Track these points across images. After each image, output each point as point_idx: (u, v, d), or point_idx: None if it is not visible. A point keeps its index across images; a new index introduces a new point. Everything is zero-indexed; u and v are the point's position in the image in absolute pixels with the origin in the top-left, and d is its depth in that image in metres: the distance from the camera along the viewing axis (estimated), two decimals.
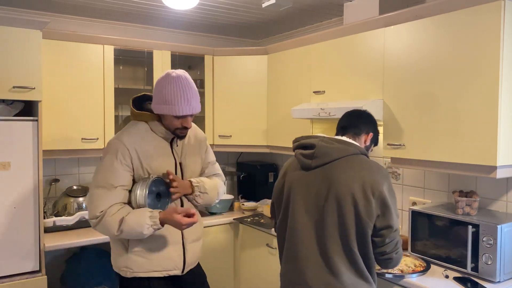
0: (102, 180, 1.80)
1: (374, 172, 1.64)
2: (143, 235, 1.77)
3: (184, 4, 2.57)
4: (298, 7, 2.93)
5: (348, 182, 1.62)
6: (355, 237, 1.61)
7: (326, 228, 1.64)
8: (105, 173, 1.80)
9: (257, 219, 3.24)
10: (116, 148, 1.82)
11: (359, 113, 1.89)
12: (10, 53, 2.35)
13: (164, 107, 1.81)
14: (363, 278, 1.64)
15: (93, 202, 1.79)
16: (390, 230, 1.61)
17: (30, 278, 2.42)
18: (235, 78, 3.42)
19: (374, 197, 1.59)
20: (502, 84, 1.85)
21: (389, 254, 1.64)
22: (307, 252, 1.68)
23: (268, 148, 3.41)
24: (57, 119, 2.80)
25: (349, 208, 1.60)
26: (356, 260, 1.63)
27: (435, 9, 2.09)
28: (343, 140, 1.74)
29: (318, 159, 1.70)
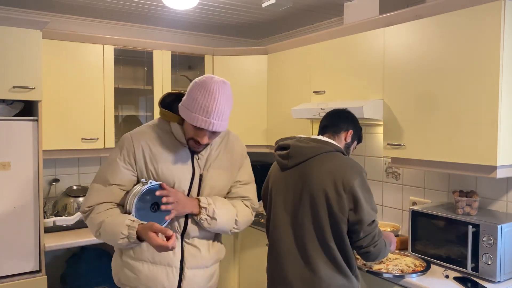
0: (101, 175, 1.64)
1: (346, 168, 1.69)
2: (118, 244, 1.56)
3: (184, 4, 2.56)
4: (298, 7, 2.93)
5: (321, 179, 1.68)
6: (330, 232, 1.66)
7: (302, 224, 1.71)
8: (106, 167, 1.64)
9: (257, 219, 3.24)
10: (123, 143, 1.65)
11: (339, 112, 1.96)
12: (10, 53, 2.35)
13: (184, 111, 1.58)
14: (341, 273, 1.69)
15: (87, 195, 1.66)
16: (362, 224, 1.64)
17: (30, 278, 2.42)
18: (235, 78, 3.42)
19: (346, 192, 1.64)
20: (502, 84, 1.85)
21: (367, 247, 1.68)
22: (286, 249, 1.74)
23: (268, 148, 3.41)
24: (57, 119, 2.80)
25: (322, 204, 1.66)
26: (334, 255, 1.67)
27: (435, 9, 2.09)
28: (318, 139, 1.80)
29: (293, 159, 1.77)
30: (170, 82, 3.25)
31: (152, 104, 3.22)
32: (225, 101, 1.57)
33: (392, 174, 2.78)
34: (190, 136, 1.62)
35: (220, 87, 1.57)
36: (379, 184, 2.87)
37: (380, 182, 2.86)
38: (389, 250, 1.84)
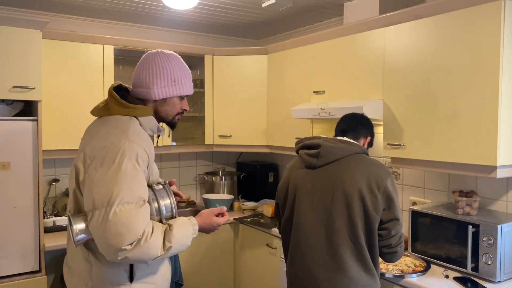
0: (131, 194, 1.37)
1: (378, 168, 1.74)
2: (186, 247, 1.50)
3: (184, 4, 2.56)
4: (298, 7, 2.93)
5: (354, 179, 1.70)
6: (363, 231, 1.68)
7: (334, 223, 1.70)
8: (132, 184, 1.38)
9: (257, 219, 3.24)
10: (135, 151, 1.42)
11: (358, 117, 1.98)
12: (10, 53, 2.35)
13: (172, 88, 1.56)
14: (369, 272, 1.70)
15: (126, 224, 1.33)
16: (395, 223, 1.70)
17: (30, 278, 2.42)
18: (235, 78, 3.42)
19: (380, 192, 1.68)
20: (502, 84, 1.85)
21: (395, 247, 1.73)
22: (314, 247, 1.74)
23: (268, 148, 3.41)
24: (57, 119, 2.80)
25: (357, 203, 1.67)
26: (363, 254, 1.69)
27: (435, 9, 2.09)
28: (346, 140, 1.83)
29: (323, 158, 1.77)
30: None
31: None
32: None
33: (392, 174, 2.78)
34: (178, 111, 1.62)
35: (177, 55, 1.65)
36: None
37: None
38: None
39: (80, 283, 1.48)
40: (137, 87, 1.58)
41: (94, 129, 1.56)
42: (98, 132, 1.51)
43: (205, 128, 3.45)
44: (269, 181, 3.73)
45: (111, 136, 1.45)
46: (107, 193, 1.35)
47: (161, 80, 1.55)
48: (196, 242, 3.10)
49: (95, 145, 1.45)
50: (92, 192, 1.38)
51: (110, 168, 1.38)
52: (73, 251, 1.53)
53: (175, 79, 1.57)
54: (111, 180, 1.36)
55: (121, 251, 1.34)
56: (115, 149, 1.40)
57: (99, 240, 1.36)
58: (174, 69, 1.58)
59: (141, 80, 1.56)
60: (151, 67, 1.56)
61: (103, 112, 1.58)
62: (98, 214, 1.35)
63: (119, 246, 1.33)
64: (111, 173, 1.37)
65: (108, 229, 1.33)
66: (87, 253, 1.46)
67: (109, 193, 1.35)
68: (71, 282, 1.54)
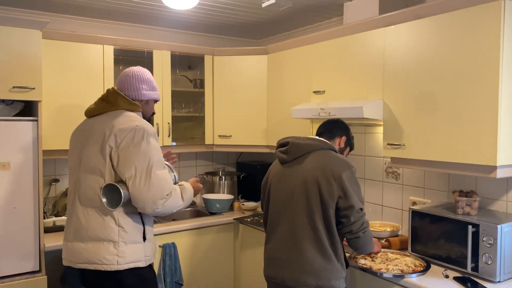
0: (160, 162, 1.90)
1: (337, 162, 1.93)
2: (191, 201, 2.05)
3: (184, 4, 2.57)
4: (298, 7, 2.93)
5: (314, 169, 1.92)
6: (320, 216, 1.87)
7: (296, 210, 1.93)
8: (159, 154, 1.91)
9: (257, 219, 3.24)
10: (153, 131, 1.94)
11: (333, 120, 2.23)
12: (10, 53, 2.35)
13: (153, 93, 2.12)
14: (325, 255, 1.88)
15: (161, 181, 1.84)
16: (352, 210, 1.84)
17: (30, 278, 2.42)
18: (235, 78, 3.42)
19: (335, 181, 1.86)
20: (502, 84, 1.85)
21: (357, 233, 1.86)
22: (280, 232, 1.98)
23: (268, 148, 3.41)
24: (57, 119, 2.80)
25: (314, 190, 1.89)
26: (320, 237, 1.87)
27: (435, 9, 2.09)
28: (314, 138, 2.06)
29: (291, 154, 2.01)
30: (170, 82, 3.25)
31: None
32: None
33: (392, 174, 2.78)
34: (152, 111, 2.16)
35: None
36: (379, 184, 2.87)
37: (380, 182, 2.87)
38: (373, 245, 2.00)
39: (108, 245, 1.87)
40: (127, 91, 2.06)
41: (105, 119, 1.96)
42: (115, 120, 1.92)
43: (205, 128, 3.45)
44: None
45: (133, 122, 1.90)
46: (145, 161, 1.83)
47: (146, 85, 2.09)
48: (196, 242, 3.11)
49: (121, 130, 1.87)
50: (132, 162, 1.83)
51: (141, 143, 1.85)
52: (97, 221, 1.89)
53: (154, 86, 2.14)
54: (146, 152, 1.85)
55: (161, 200, 1.83)
56: (141, 130, 1.87)
57: (142, 196, 1.81)
58: (152, 79, 2.14)
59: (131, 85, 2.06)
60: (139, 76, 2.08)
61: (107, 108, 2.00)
62: (140, 177, 1.82)
63: (161, 196, 1.83)
64: (144, 147, 1.85)
65: (152, 185, 1.82)
66: (116, 219, 1.88)
67: (146, 161, 1.84)
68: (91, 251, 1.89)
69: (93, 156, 1.89)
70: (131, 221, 1.90)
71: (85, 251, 1.89)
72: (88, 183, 1.90)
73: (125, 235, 1.88)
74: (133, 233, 1.90)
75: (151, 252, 1.98)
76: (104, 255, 1.85)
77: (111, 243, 1.86)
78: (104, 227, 1.87)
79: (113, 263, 1.85)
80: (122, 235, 1.87)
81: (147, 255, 1.95)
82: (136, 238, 1.91)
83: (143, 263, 1.92)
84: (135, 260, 1.89)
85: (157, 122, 3.15)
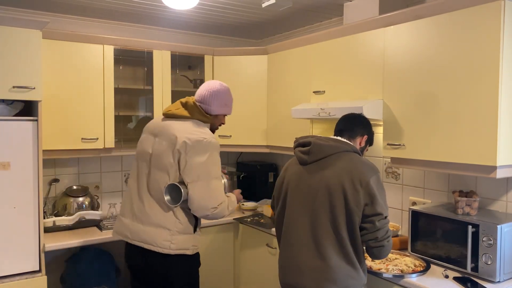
0: (216, 173, 2.17)
1: (363, 166, 1.82)
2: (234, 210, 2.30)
3: (184, 4, 2.57)
4: (298, 7, 2.93)
5: (339, 174, 1.81)
6: (344, 224, 1.77)
7: (318, 215, 1.82)
8: (217, 167, 2.19)
9: (257, 219, 3.24)
10: (218, 146, 2.22)
11: (355, 116, 2.07)
12: (10, 53, 2.35)
13: (223, 108, 2.36)
14: (350, 263, 1.79)
15: (216, 192, 2.15)
16: (380, 217, 1.76)
17: (30, 278, 2.42)
18: (235, 78, 3.42)
19: (362, 187, 1.76)
20: (502, 84, 1.85)
21: (381, 241, 1.77)
22: (300, 238, 1.86)
23: (268, 148, 3.41)
24: (57, 119, 2.80)
25: (339, 197, 1.78)
26: (345, 246, 1.78)
27: (435, 9, 2.09)
28: (337, 139, 1.93)
29: (313, 155, 1.90)
30: (170, 82, 3.25)
31: (152, 104, 3.22)
32: None
33: (392, 174, 2.78)
34: (221, 123, 2.43)
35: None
36: None
37: None
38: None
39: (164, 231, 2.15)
40: (202, 103, 2.32)
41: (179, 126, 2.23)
42: (188, 129, 2.20)
43: None
44: (269, 181, 3.73)
45: (203, 134, 2.18)
46: (207, 171, 2.13)
47: (218, 102, 2.33)
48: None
49: (191, 140, 2.14)
50: (196, 170, 2.12)
51: (206, 155, 2.15)
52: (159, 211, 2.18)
53: (226, 103, 2.37)
54: (209, 163, 2.15)
55: (213, 208, 2.13)
56: (207, 143, 2.16)
57: (198, 201, 2.11)
58: (227, 97, 2.38)
59: (206, 99, 2.31)
60: (214, 94, 2.32)
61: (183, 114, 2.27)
62: (201, 184, 2.11)
63: (213, 205, 2.13)
64: (208, 159, 2.14)
65: (209, 194, 2.12)
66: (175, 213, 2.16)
67: (208, 171, 2.14)
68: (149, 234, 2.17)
69: (165, 156, 2.17)
70: (186, 216, 2.18)
71: (143, 233, 2.17)
72: (156, 177, 2.18)
73: (180, 226, 2.17)
74: (187, 225, 2.18)
75: (197, 243, 2.25)
76: (160, 240, 2.14)
77: (167, 231, 2.15)
78: (165, 217, 2.16)
79: (166, 247, 2.14)
80: (178, 226, 2.16)
81: (194, 245, 2.22)
82: (188, 230, 2.19)
83: (190, 251, 2.19)
84: (184, 248, 2.17)
85: None
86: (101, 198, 3.34)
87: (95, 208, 3.05)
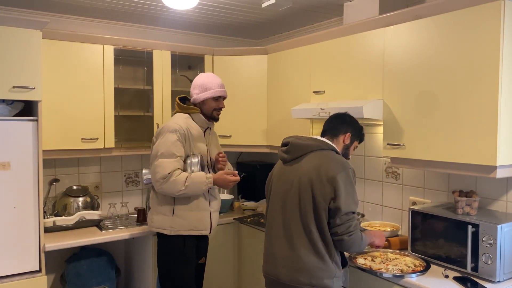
0: (167, 152, 2.37)
1: (333, 162, 1.92)
2: (202, 190, 2.42)
3: (184, 4, 2.57)
4: (298, 7, 2.93)
5: (309, 170, 1.92)
6: (312, 217, 1.88)
7: (289, 209, 1.95)
8: (169, 146, 2.38)
9: (257, 219, 3.24)
10: (175, 128, 2.41)
11: (339, 115, 2.17)
12: (10, 53, 2.35)
13: (205, 93, 2.51)
14: (318, 256, 1.88)
15: (161, 166, 2.35)
16: (339, 212, 1.83)
17: (30, 278, 2.42)
18: (235, 78, 3.42)
19: (328, 182, 1.85)
20: (502, 84, 1.85)
21: (341, 235, 1.85)
22: (276, 230, 2.01)
23: (268, 148, 3.41)
24: (57, 119, 2.80)
25: (307, 190, 1.90)
26: (313, 238, 1.88)
27: (435, 9, 2.09)
28: (315, 138, 2.05)
29: (291, 153, 2.03)
30: (170, 82, 3.25)
31: (152, 104, 3.22)
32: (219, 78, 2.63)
33: (392, 174, 2.78)
34: (213, 108, 2.55)
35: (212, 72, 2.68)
36: (379, 184, 2.87)
37: (380, 182, 2.87)
38: (365, 245, 1.98)
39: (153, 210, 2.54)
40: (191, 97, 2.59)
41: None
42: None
43: None
44: None
45: (167, 122, 2.51)
46: (156, 150, 2.41)
47: (197, 90, 2.55)
48: None
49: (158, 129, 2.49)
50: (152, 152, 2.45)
51: (159, 138, 2.44)
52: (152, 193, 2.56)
53: (207, 87, 2.53)
54: (160, 143, 2.41)
55: (157, 182, 2.36)
56: (163, 128, 2.45)
57: (152, 176, 2.43)
58: (206, 81, 2.54)
59: (191, 92, 2.59)
60: (194, 83, 2.57)
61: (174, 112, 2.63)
62: (153, 162, 2.41)
63: (157, 178, 2.35)
64: (159, 141, 2.42)
65: (154, 169, 2.38)
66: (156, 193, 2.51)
67: (157, 150, 2.41)
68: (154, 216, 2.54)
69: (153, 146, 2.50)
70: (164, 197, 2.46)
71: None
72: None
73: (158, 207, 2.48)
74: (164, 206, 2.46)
75: (177, 225, 2.44)
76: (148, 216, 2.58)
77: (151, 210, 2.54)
78: (152, 197, 2.56)
79: (149, 223, 2.55)
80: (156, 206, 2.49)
81: (172, 227, 2.44)
82: (165, 211, 2.46)
83: (167, 231, 2.44)
84: (161, 227, 2.46)
85: (157, 122, 3.15)
86: (101, 198, 3.34)
87: (95, 208, 3.05)
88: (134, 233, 2.86)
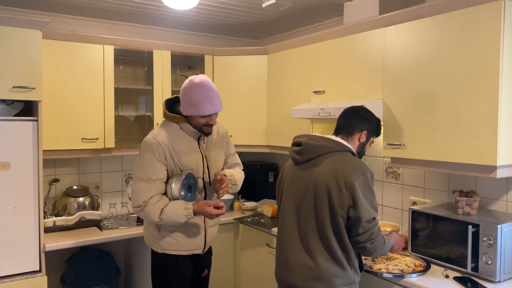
0: (143, 175, 2.08)
1: (350, 166, 1.81)
2: (179, 223, 2.09)
3: (184, 4, 2.57)
4: (298, 7, 2.93)
5: (325, 175, 1.81)
6: (330, 225, 1.79)
7: (305, 215, 1.86)
8: (145, 168, 2.08)
9: (257, 219, 3.24)
10: (152, 147, 2.08)
11: (354, 110, 2.02)
12: (10, 53, 2.35)
13: (191, 109, 2.09)
14: (338, 264, 1.80)
15: (136, 193, 2.07)
16: (361, 221, 1.75)
17: (30, 278, 2.42)
18: (235, 78, 3.42)
19: (346, 189, 1.75)
20: (502, 84, 1.85)
21: (363, 243, 1.78)
22: (290, 236, 1.91)
23: (268, 148, 3.41)
24: (57, 119, 2.80)
25: (324, 197, 1.80)
26: (330, 245, 1.80)
27: (435, 9, 2.09)
28: (330, 139, 1.92)
29: (305, 155, 1.91)
30: (170, 82, 3.25)
31: (152, 104, 3.22)
32: (214, 87, 2.11)
33: (392, 174, 2.78)
34: (202, 124, 2.13)
35: (206, 81, 2.08)
36: (379, 184, 2.87)
37: (380, 182, 2.87)
38: (387, 249, 1.92)
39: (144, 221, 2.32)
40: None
41: None
42: None
43: None
44: (269, 181, 3.73)
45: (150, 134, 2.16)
46: (134, 172, 2.13)
47: (183, 103, 2.12)
48: None
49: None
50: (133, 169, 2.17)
51: (139, 156, 2.14)
52: None
53: (193, 103, 2.07)
54: (137, 164, 2.12)
55: (134, 209, 2.10)
56: (144, 143, 2.13)
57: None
58: (193, 95, 2.06)
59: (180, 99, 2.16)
60: (182, 91, 2.13)
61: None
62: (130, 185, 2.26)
63: (133, 205, 2.09)
64: (138, 160, 2.13)
65: (131, 195, 2.13)
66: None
67: (134, 172, 2.13)
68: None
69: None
70: None
71: None
72: None
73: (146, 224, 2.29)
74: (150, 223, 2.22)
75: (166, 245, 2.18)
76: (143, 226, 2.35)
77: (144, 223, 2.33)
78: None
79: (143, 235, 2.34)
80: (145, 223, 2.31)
81: (160, 245, 2.18)
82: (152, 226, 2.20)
83: (155, 249, 2.21)
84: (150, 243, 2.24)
85: (157, 122, 3.15)
86: (101, 198, 3.34)
87: (95, 208, 3.05)
88: (134, 233, 2.86)
